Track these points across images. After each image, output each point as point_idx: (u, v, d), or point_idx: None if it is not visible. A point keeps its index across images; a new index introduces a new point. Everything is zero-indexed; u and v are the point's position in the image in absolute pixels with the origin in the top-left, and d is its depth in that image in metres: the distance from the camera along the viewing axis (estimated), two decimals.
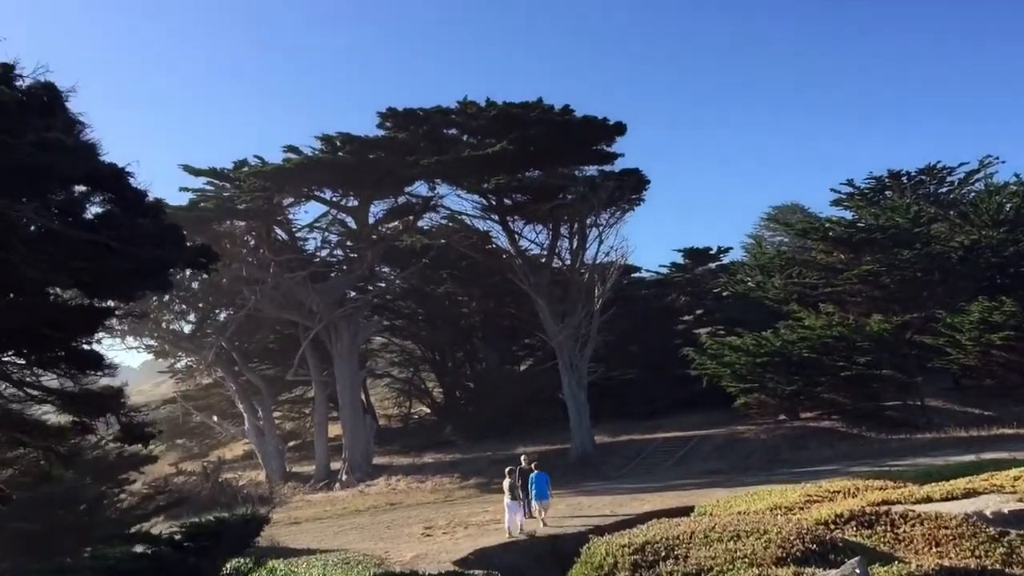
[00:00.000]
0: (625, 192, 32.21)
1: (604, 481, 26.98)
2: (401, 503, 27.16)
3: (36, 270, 7.52)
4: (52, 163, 7.62)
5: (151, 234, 8.02)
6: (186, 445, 45.70)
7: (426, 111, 31.78)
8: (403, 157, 30.90)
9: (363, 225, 35.13)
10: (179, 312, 37.74)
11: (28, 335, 8.57)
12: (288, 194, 33.61)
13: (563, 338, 31.93)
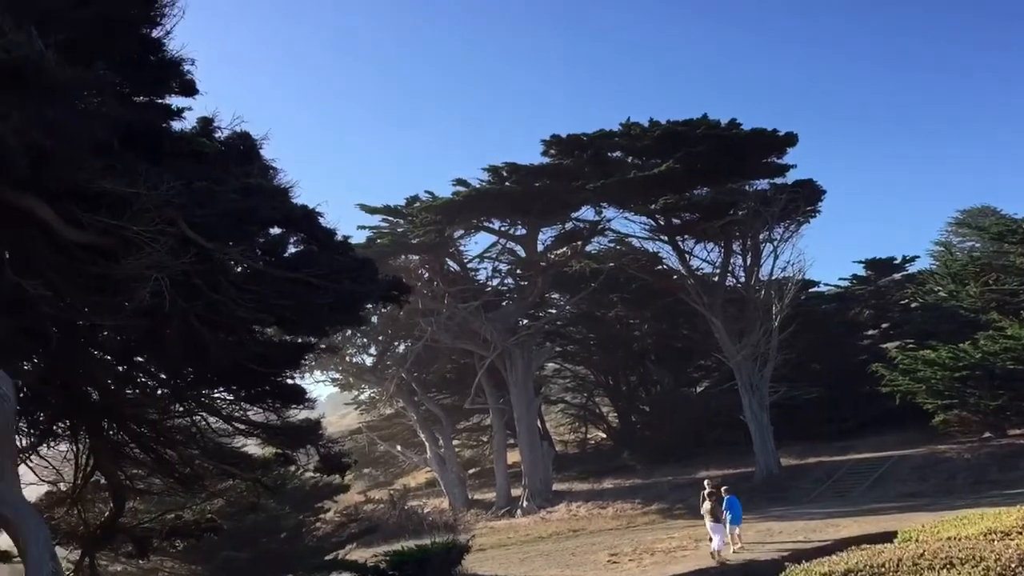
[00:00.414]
0: (799, 204, 31.01)
1: (793, 505, 25.85)
2: (583, 529, 26.99)
3: (244, 309, 7.92)
4: (255, 207, 8.04)
5: (347, 269, 8.31)
6: (372, 474, 47.23)
7: (589, 136, 31.82)
8: (569, 183, 31.04)
9: (532, 253, 35.50)
10: (361, 345, 39.23)
11: (237, 372, 9.03)
12: (459, 226, 34.41)
13: (741, 358, 30.96)
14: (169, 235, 7.24)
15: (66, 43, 7.00)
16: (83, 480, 11.19)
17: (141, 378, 10.60)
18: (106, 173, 6.96)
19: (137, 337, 8.38)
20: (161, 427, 10.88)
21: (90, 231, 7.09)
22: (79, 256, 7.39)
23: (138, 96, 8.83)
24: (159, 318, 7.64)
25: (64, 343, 7.88)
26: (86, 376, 9.67)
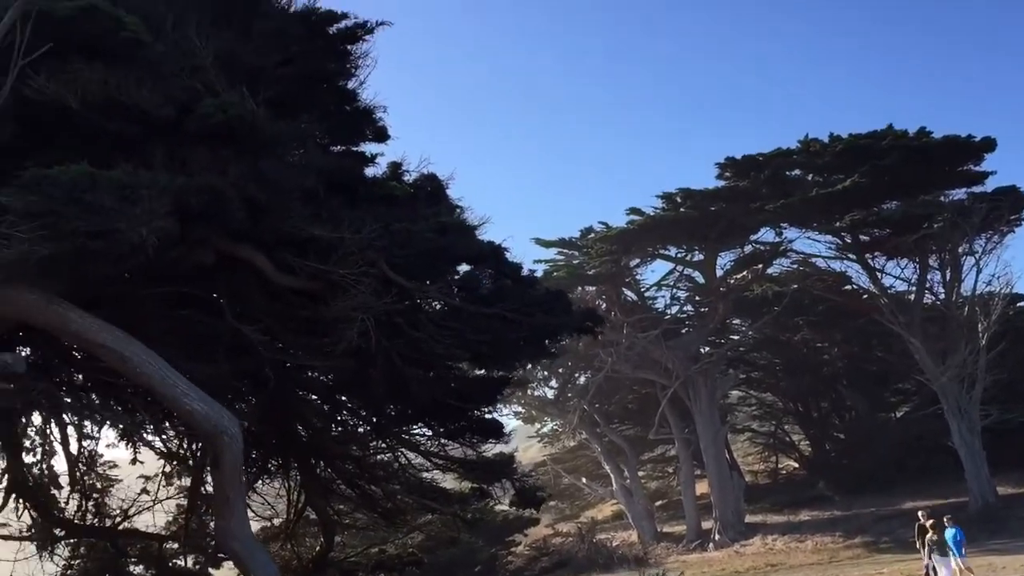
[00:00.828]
0: (1002, 213, 28.71)
1: (1015, 538, 23.76)
2: (782, 564, 25.86)
3: (443, 346, 8.06)
4: (449, 246, 8.19)
5: (540, 303, 8.32)
6: (558, 507, 47.20)
7: (766, 155, 30.82)
8: (746, 205, 30.15)
9: (711, 278, 34.71)
10: (542, 378, 39.46)
11: (436, 408, 9.20)
12: (634, 255, 34.13)
13: (946, 380, 28.87)
14: (372, 277, 7.47)
15: (273, 100, 7.42)
16: (296, 515, 11.70)
17: (345, 416, 11.00)
18: (313, 220, 7.28)
19: (343, 376, 8.68)
20: (365, 463, 11.24)
21: (300, 276, 7.42)
22: (291, 300, 7.75)
23: (335, 145, 9.24)
24: (365, 357, 7.89)
25: (278, 384, 8.26)
26: (296, 415, 10.13)
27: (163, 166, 6.25)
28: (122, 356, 5.98)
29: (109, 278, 6.83)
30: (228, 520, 6.09)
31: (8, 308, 5.92)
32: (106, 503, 12.35)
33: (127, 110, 6.33)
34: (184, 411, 6.05)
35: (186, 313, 7.61)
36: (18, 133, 5.95)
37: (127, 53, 6.42)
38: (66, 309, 5.92)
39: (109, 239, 5.41)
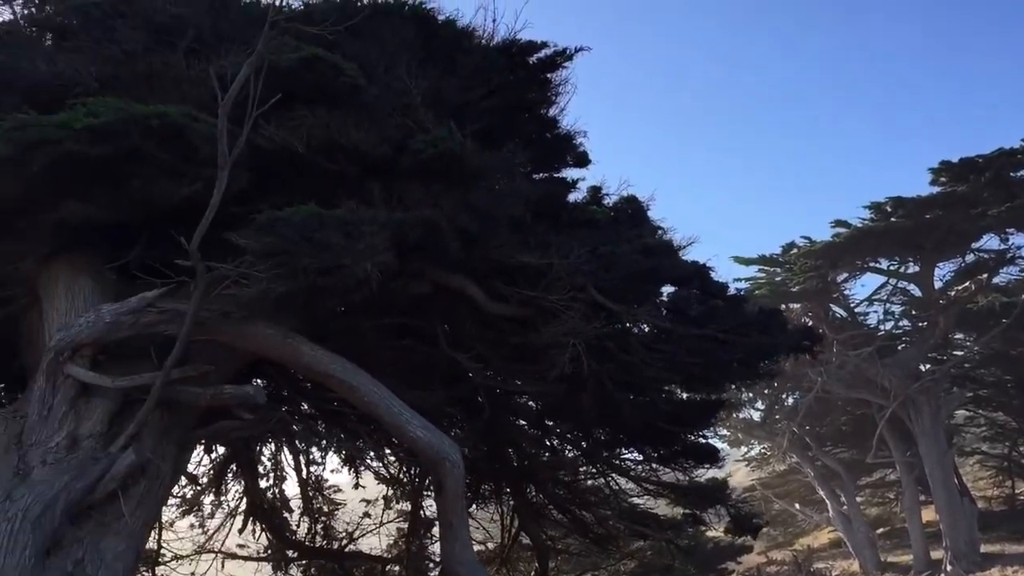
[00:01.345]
0: None
1: None
2: None
3: (654, 369, 7.93)
4: (656, 267, 8.08)
5: (754, 322, 8.04)
6: (770, 533, 45.44)
7: (986, 157, 28.54)
8: (965, 211, 28.01)
9: (928, 291, 32.46)
10: (748, 400, 38.25)
11: (648, 432, 9.06)
12: (842, 269, 32.47)
13: None
14: (581, 301, 7.46)
15: (478, 132, 7.60)
16: (510, 540, 11.83)
17: (554, 442, 11.04)
18: (522, 248, 7.37)
19: (553, 402, 8.70)
20: (576, 489, 11.22)
21: (511, 304, 7.53)
22: (502, 328, 7.87)
23: (538, 172, 9.35)
24: (575, 382, 7.89)
25: (491, 410, 8.39)
26: (508, 441, 10.27)
27: (382, 202, 6.51)
28: (351, 386, 6.25)
29: (335, 312, 7.19)
30: (452, 544, 6.21)
31: (248, 343, 6.33)
32: (332, 526, 12.99)
33: (347, 151, 6.66)
34: (408, 438, 6.24)
35: (404, 343, 7.89)
36: (252, 179, 6.37)
37: (345, 97, 6.76)
38: (299, 343, 6.26)
39: (337, 275, 5.68)
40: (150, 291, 6.06)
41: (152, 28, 7.10)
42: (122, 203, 6.16)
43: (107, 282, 6.71)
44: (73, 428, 5.90)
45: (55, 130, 5.68)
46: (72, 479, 5.57)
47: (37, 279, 6.79)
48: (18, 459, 5.75)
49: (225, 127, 5.26)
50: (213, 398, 6.21)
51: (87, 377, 5.94)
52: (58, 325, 6.29)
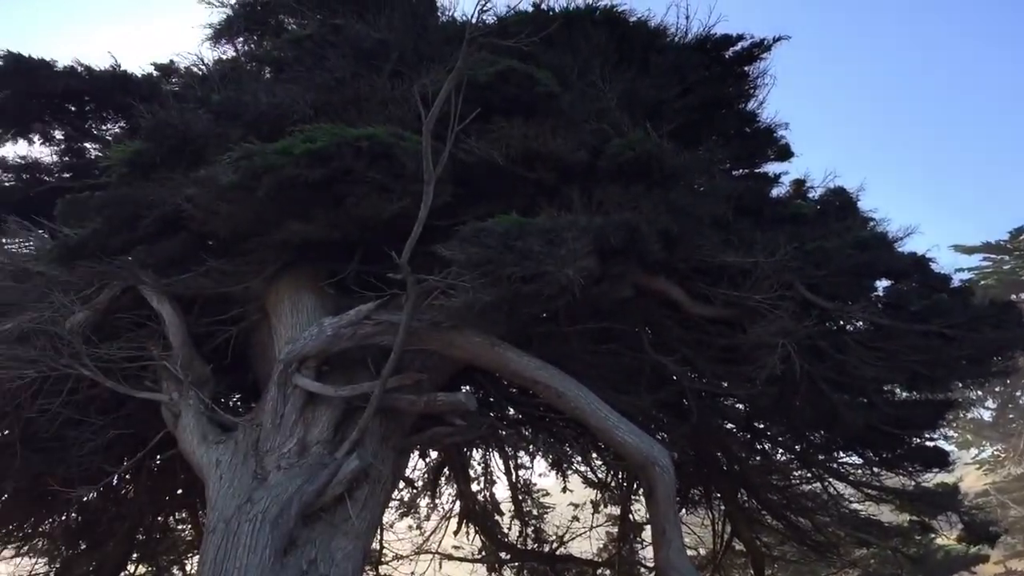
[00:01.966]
0: None
1: None
2: None
3: (873, 368, 7.51)
4: (871, 261, 7.65)
5: (984, 316, 7.44)
6: (1008, 542, 41.87)
7: None
8: None
9: None
10: (977, 399, 35.51)
11: (869, 435, 8.58)
12: None
13: None
14: (789, 300, 7.18)
15: (675, 131, 7.49)
16: (723, 546, 11.55)
17: (765, 445, 10.68)
18: (725, 246, 7.19)
19: (763, 404, 8.41)
20: (791, 494, 10.81)
21: (715, 304, 7.36)
22: (707, 329, 7.70)
23: (738, 169, 9.10)
24: (787, 384, 7.60)
25: (698, 414, 8.22)
26: (716, 444, 10.03)
27: (581, 207, 6.54)
28: (558, 392, 6.30)
29: (537, 319, 7.29)
30: (666, 550, 6.11)
31: (458, 351, 6.53)
32: (543, 529, 13.18)
33: (545, 159, 6.75)
34: (616, 443, 6.22)
35: (607, 348, 7.87)
36: (455, 192, 6.57)
37: (542, 106, 6.85)
38: (506, 350, 6.39)
39: (540, 282, 5.75)
40: (365, 304, 6.39)
41: (359, 54, 7.49)
42: (338, 221, 6.53)
43: (326, 297, 7.14)
44: (302, 435, 6.31)
45: (277, 157, 6.09)
46: (304, 483, 5.94)
47: (265, 297, 7.32)
48: (256, 464, 6.20)
49: (429, 144, 5.45)
50: (427, 405, 6.46)
51: (313, 387, 6.33)
52: (286, 339, 6.75)
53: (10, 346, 6.75)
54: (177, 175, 6.87)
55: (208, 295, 7.32)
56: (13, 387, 6.75)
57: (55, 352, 6.66)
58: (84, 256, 6.89)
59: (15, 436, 7.23)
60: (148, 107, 7.27)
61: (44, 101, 8.74)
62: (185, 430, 6.65)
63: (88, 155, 9.44)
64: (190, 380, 6.84)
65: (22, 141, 9.20)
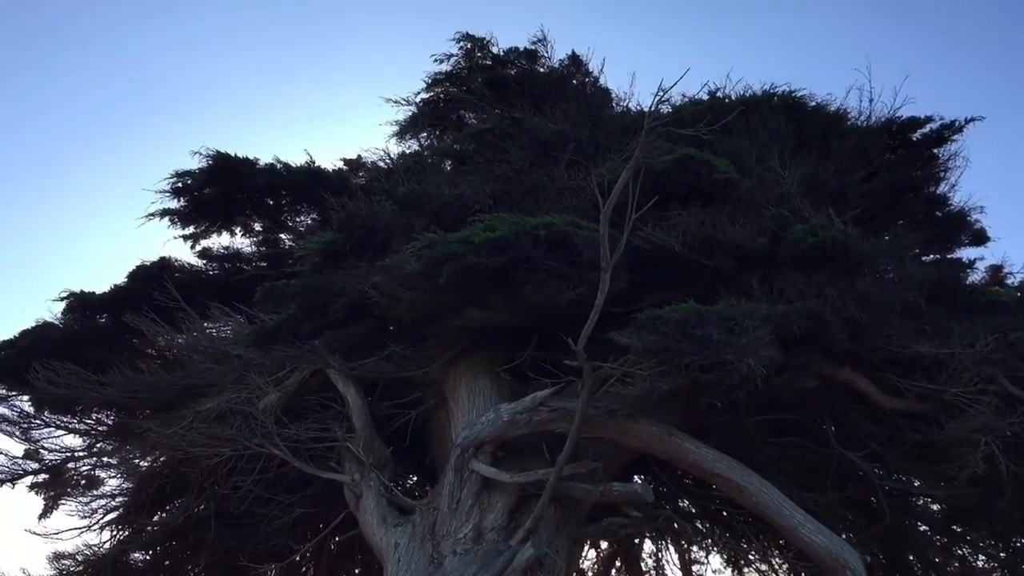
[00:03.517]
0: None
1: None
2: None
3: None
4: None
5: None
6: None
7: None
8: None
9: None
10: None
11: None
12: None
13: None
14: (991, 394, 6.68)
15: (860, 216, 7.23)
16: None
17: (963, 550, 9.84)
18: (917, 336, 6.80)
19: (963, 506, 7.77)
20: None
21: (907, 398, 6.93)
22: (898, 424, 7.25)
23: (928, 254, 8.67)
24: (990, 485, 7.03)
25: (890, 514, 7.71)
26: (908, 547, 9.33)
27: (762, 295, 6.38)
28: (739, 486, 6.06)
29: (715, 409, 7.09)
30: None
31: (634, 440, 6.42)
32: None
33: (723, 246, 6.65)
34: (803, 543, 5.87)
35: (789, 441, 7.54)
36: (631, 280, 6.56)
37: (719, 193, 6.79)
38: (683, 440, 6.23)
39: (719, 371, 5.60)
40: (541, 391, 6.42)
41: (537, 146, 7.70)
42: (515, 308, 6.64)
43: (503, 383, 7.23)
44: (478, 521, 6.33)
45: (458, 245, 6.30)
46: (479, 569, 5.94)
47: (443, 382, 7.50)
48: (432, 549, 6.26)
49: (607, 231, 5.48)
50: (603, 494, 6.36)
51: (489, 472, 6.37)
52: (463, 423, 6.86)
53: (209, 425, 7.17)
54: (364, 264, 7.22)
55: (389, 379, 7.56)
56: (211, 464, 7.16)
57: (249, 431, 7.03)
58: (279, 340, 7.29)
59: (210, 511, 7.64)
60: (338, 200, 7.72)
61: (246, 196, 9.43)
62: (366, 511, 6.82)
63: (283, 245, 10.08)
64: (371, 462, 7.04)
65: (225, 233, 9.94)
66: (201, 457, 7.14)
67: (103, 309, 9.21)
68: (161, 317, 8.18)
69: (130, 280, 9.16)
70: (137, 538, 8.21)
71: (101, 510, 8.14)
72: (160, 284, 8.42)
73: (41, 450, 8.69)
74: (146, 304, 8.31)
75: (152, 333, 8.18)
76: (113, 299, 9.09)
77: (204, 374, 7.79)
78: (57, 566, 8.14)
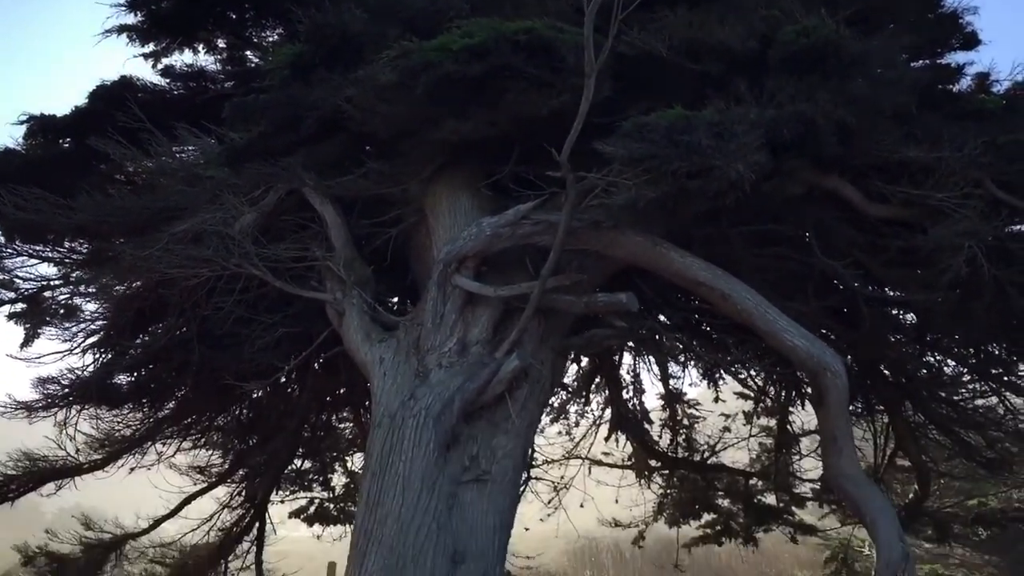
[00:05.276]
0: None
1: None
2: None
3: None
4: None
5: None
6: None
7: None
8: None
9: None
10: None
11: None
12: None
13: None
14: (976, 198, 6.62)
15: (852, 17, 6.92)
16: (884, 461, 11.15)
17: (936, 356, 10.10)
18: (907, 142, 6.66)
19: (939, 312, 7.89)
20: (961, 408, 10.24)
21: (893, 204, 6.86)
22: (881, 231, 7.22)
23: (918, 59, 8.41)
24: (970, 290, 7.09)
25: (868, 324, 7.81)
26: (883, 355, 9.56)
27: (751, 100, 6.16)
28: (723, 293, 6.06)
29: (700, 220, 7.01)
30: (836, 458, 5.87)
31: (618, 251, 6.35)
32: (694, 439, 13.05)
33: (711, 49, 6.38)
34: (786, 347, 5.94)
35: (773, 251, 7.53)
36: (616, 87, 6.31)
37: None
38: (668, 249, 6.18)
39: (707, 178, 5.47)
40: (524, 204, 6.29)
41: None
42: (496, 119, 6.40)
43: (484, 198, 7.08)
44: (462, 335, 6.34)
45: (435, 54, 6.00)
46: (465, 381, 6.00)
47: (423, 199, 7.33)
48: (417, 362, 6.29)
49: (591, 34, 5.20)
50: (587, 306, 6.35)
51: (472, 287, 6.33)
52: (444, 240, 6.75)
53: (185, 246, 7.03)
54: (336, 76, 6.89)
55: (367, 197, 7.39)
56: (189, 285, 7.07)
57: (226, 252, 6.90)
58: (250, 158, 7.06)
59: (192, 333, 7.61)
60: (306, 11, 7.29)
61: (206, 9, 8.92)
62: (349, 328, 6.81)
63: (249, 63, 9.64)
64: (352, 280, 6.97)
65: (188, 51, 9.47)
66: (179, 279, 7.04)
67: (66, 132, 8.86)
68: (127, 140, 7.85)
69: (91, 101, 8.76)
70: (121, 360, 8.22)
71: (82, 334, 8.08)
72: (123, 105, 8.01)
73: (15, 279, 8.55)
74: (110, 126, 7.95)
75: (119, 156, 7.87)
76: (75, 121, 8.72)
77: (176, 197, 7.56)
78: (42, 390, 8.18)
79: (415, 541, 5.45)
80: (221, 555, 11.63)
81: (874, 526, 5.51)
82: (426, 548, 5.44)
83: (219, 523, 11.60)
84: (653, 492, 14.09)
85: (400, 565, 5.36)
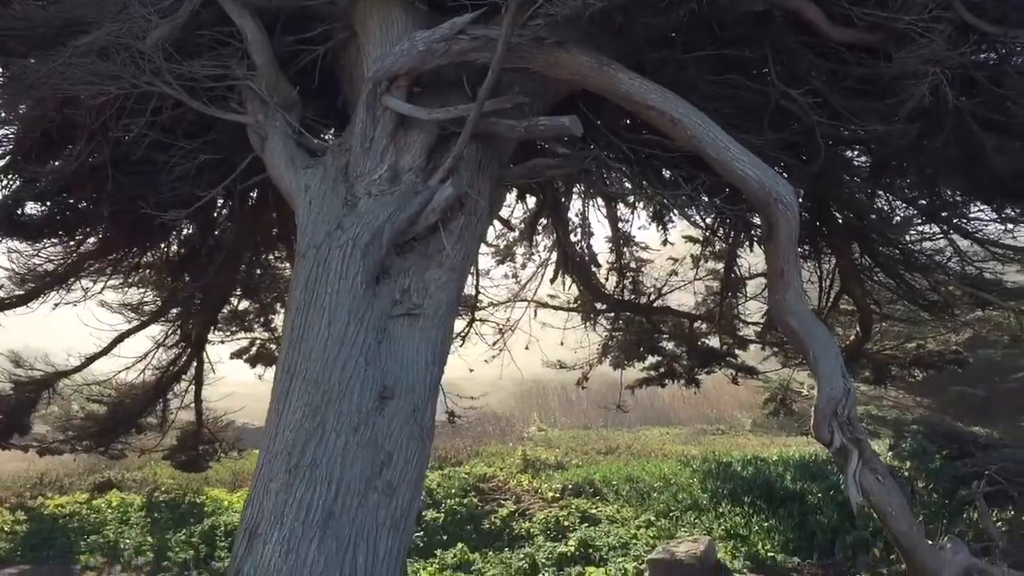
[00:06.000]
0: None
1: None
2: None
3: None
4: None
5: None
6: None
7: None
8: None
9: None
10: None
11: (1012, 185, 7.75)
12: None
13: None
14: (945, 22, 6.18)
15: None
16: (828, 303, 11.13)
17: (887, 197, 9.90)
18: None
19: (899, 146, 7.56)
20: (908, 250, 10.15)
21: (858, 28, 6.40)
22: (844, 57, 6.79)
23: None
24: (930, 121, 6.78)
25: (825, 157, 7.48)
26: (834, 194, 9.32)
27: None
28: (673, 118, 5.64)
29: (652, 42, 6.52)
30: (783, 293, 5.65)
31: (563, 71, 5.84)
32: (641, 282, 12.91)
33: None
34: (736, 176, 5.58)
35: (728, 79, 7.07)
36: None
37: None
38: (617, 70, 5.70)
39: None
40: (461, 17, 5.72)
41: None
42: None
43: (419, 13, 6.46)
44: (393, 161, 5.88)
45: None
46: (396, 210, 5.59)
47: (352, 13, 6.68)
48: (346, 191, 5.85)
49: None
50: (528, 130, 5.88)
51: (404, 109, 5.82)
52: (374, 57, 6.18)
53: (92, 61, 6.38)
54: None
55: (292, 11, 6.74)
56: (97, 103, 6.47)
57: (136, 68, 6.27)
58: None
59: (104, 158, 7.05)
60: None
61: None
62: (272, 154, 6.30)
63: None
64: (276, 102, 6.41)
65: None
66: (86, 97, 6.43)
67: None
68: None
69: None
70: (30, 187, 7.65)
71: None
72: None
73: None
74: None
75: None
76: None
77: (83, 8, 6.82)
78: None
79: (341, 376, 5.16)
80: (158, 394, 11.43)
81: (817, 362, 5.35)
82: (352, 383, 5.16)
83: (155, 362, 11.35)
84: (598, 335, 14.07)
85: (325, 401, 5.09)
